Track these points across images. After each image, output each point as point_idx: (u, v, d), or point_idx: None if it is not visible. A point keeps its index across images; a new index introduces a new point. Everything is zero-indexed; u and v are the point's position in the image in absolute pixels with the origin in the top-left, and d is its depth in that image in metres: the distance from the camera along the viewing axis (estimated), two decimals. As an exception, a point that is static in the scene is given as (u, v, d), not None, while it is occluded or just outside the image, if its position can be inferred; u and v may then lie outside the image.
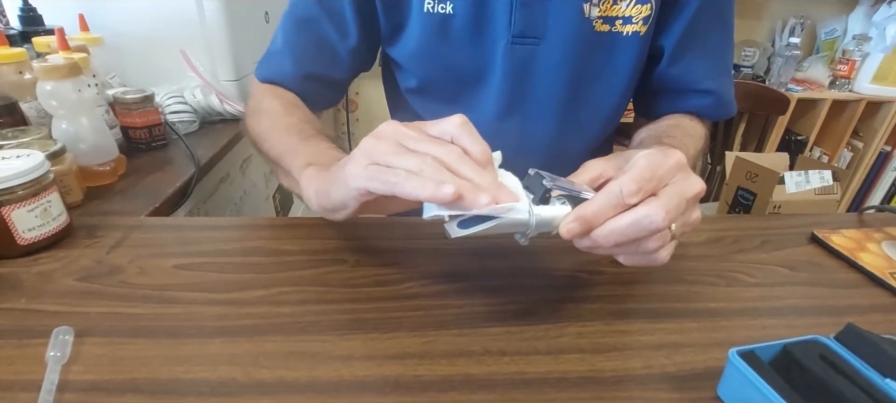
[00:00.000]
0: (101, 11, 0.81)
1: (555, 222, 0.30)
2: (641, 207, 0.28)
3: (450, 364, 0.31)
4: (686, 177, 0.31)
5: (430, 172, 0.28)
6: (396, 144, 0.30)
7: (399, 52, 0.56)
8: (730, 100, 0.57)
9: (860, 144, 1.92)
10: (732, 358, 0.27)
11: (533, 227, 0.29)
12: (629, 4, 0.50)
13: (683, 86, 0.55)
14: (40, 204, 0.40)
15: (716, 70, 0.55)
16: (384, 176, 0.29)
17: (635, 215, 0.28)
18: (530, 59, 0.53)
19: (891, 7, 1.71)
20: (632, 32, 0.51)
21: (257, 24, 1.01)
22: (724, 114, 0.58)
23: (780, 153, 0.84)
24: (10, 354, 0.30)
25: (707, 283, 0.41)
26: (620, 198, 0.29)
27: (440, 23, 0.51)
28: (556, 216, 0.30)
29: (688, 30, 0.52)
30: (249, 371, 0.29)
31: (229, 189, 0.85)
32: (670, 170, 0.30)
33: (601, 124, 0.59)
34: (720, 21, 0.54)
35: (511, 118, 0.56)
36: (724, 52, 0.57)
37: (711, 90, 0.55)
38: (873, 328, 0.30)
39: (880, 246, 0.47)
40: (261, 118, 0.51)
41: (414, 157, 0.29)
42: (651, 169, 0.29)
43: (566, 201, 0.30)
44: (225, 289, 0.37)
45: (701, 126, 0.57)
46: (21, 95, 0.61)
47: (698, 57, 0.54)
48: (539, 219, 0.29)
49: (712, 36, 0.54)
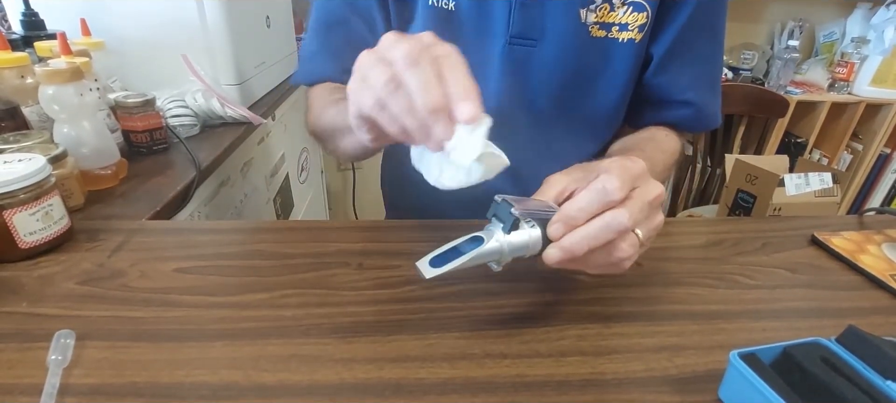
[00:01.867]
0: (102, 16, 0.81)
1: (528, 246, 0.30)
2: (607, 213, 0.29)
3: (451, 368, 0.31)
4: (646, 183, 0.32)
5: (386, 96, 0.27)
6: (377, 57, 0.28)
7: None
8: (711, 114, 0.58)
9: (860, 146, 1.92)
10: (733, 361, 0.27)
11: (507, 255, 0.30)
12: (626, 12, 0.51)
13: (665, 96, 0.56)
14: (42, 208, 0.40)
15: (699, 82, 0.56)
16: (360, 94, 0.29)
17: (604, 219, 0.29)
18: (527, 60, 0.53)
19: (889, 10, 1.71)
20: (627, 39, 0.52)
21: (259, 28, 1.01)
22: (704, 127, 0.59)
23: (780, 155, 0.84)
24: (11, 358, 0.30)
25: (708, 286, 0.41)
26: (605, 194, 0.29)
27: (443, 17, 0.52)
28: (527, 240, 0.30)
29: (676, 40, 0.53)
30: (251, 374, 0.29)
31: (230, 192, 0.85)
32: (637, 175, 0.31)
33: (596, 130, 0.59)
34: (709, 34, 0.55)
35: (507, 119, 0.57)
36: (710, 65, 0.57)
37: (692, 101, 0.55)
38: (874, 330, 0.30)
39: (881, 248, 0.47)
40: (311, 110, 0.53)
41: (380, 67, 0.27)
42: (626, 169, 0.30)
43: (535, 224, 0.31)
44: (226, 293, 0.37)
45: (676, 141, 0.57)
46: (23, 99, 0.61)
47: (682, 68, 0.54)
48: (512, 246, 0.30)
49: (699, 48, 0.55)
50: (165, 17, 0.82)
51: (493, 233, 0.30)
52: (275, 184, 1.11)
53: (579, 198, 0.30)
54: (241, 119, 0.85)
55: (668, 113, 0.57)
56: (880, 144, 1.88)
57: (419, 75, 0.26)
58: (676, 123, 0.58)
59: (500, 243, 0.30)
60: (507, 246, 0.30)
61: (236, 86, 0.90)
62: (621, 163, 0.31)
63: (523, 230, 0.30)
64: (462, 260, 0.29)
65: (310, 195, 1.45)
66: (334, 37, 0.55)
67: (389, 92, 0.27)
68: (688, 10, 0.51)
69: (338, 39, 0.55)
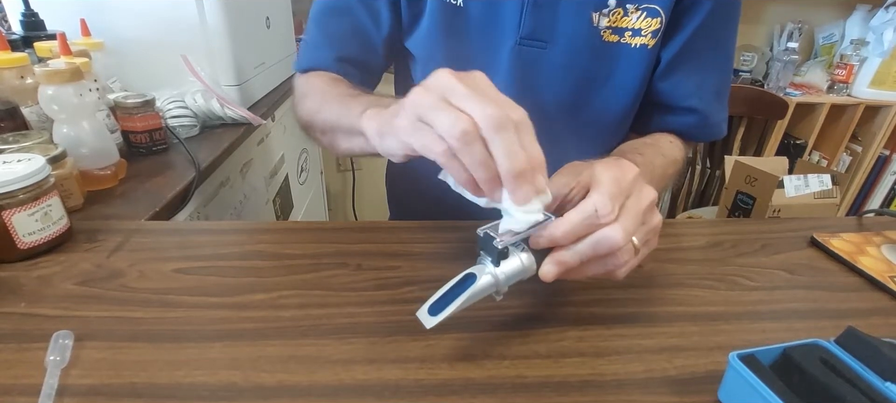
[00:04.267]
0: (102, 16, 0.81)
1: (522, 272, 0.31)
2: (599, 232, 0.29)
3: (450, 368, 0.31)
4: (638, 190, 0.32)
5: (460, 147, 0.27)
6: (439, 98, 0.28)
7: (414, 42, 0.56)
8: (716, 123, 0.58)
9: (859, 148, 1.92)
10: (733, 362, 0.27)
11: (503, 284, 0.30)
12: (639, 17, 0.50)
13: (670, 101, 0.56)
14: (41, 209, 0.40)
15: (704, 90, 0.56)
16: (422, 137, 0.28)
17: (595, 237, 0.29)
18: (536, 62, 0.53)
19: (888, 11, 1.71)
20: (640, 45, 0.51)
21: (258, 29, 1.01)
22: (709, 136, 0.59)
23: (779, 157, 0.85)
24: (9, 358, 0.30)
25: (707, 287, 0.41)
26: (595, 217, 0.29)
27: (451, 14, 0.52)
28: (520, 267, 0.31)
29: (684, 46, 0.52)
30: (249, 375, 0.29)
31: (230, 193, 0.85)
32: (629, 185, 0.31)
33: (603, 135, 0.59)
34: (718, 43, 0.54)
35: None
36: (717, 75, 0.57)
37: (696, 109, 0.55)
38: (873, 331, 0.30)
39: (880, 249, 0.47)
40: (308, 99, 0.51)
41: (450, 115, 0.27)
42: (617, 182, 0.31)
43: (524, 246, 0.31)
44: (225, 293, 0.37)
45: (680, 149, 0.57)
46: (22, 100, 0.61)
47: (689, 74, 0.54)
48: (506, 276, 0.30)
49: (707, 56, 0.54)
50: (165, 17, 0.82)
51: (485, 268, 0.30)
52: (274, 184, 1.11)
53: (570, 218, 0.30)
54: (240, 120, 0.85)
55: (672, 119, 0.57)
56: (879, 146, 1.88)
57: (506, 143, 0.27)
58: (681, 131, 0.58)
59: (493, 275, 0.30)
60: (501, 276, 0.30)
61: (236, 87, 0.90)
62: (612, 174, 0.31)
63: (513, 257, 0.31)
64: (460, 302, 0.29)
65: (309, 196, 1.45)
66: (334, 24, 0.55)
67: (463, 144, 0.27)
68: (699, 18, 0.51)
69: (337, 27, 0.55)
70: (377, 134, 0.35)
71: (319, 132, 0.50)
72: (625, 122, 0.59)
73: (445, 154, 0.28)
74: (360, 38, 0.55)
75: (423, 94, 0.29)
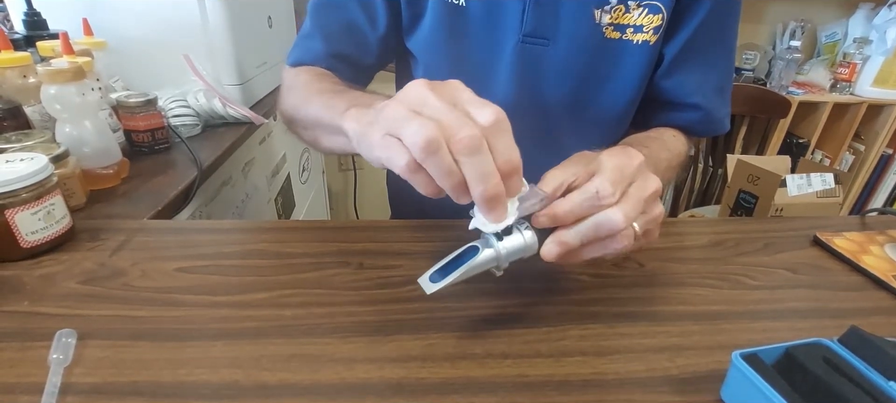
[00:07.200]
0: (104, 16, 0.81)
1: (524, 248, 0.31)
2: (600, 213, 0.29)
3: (452, 367, 0.31)
4: (644, 179, 0.32)
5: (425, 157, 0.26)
6: (409, 110, 0.27)
7: (415, 42, 0.56)
8: (720, 119, 0.58)
9: (862, 147, 1.92)
10: (735, 361, 0.27)
11: (504, 260, 0.30)
12: (641, 13, 0.50)
13: (673, 98, 0.56)
14: (43, 208, 0.40)
15: (707, 86, 0.56)
16: (387, 150, 0.28)
17: (597, 219, 0.29)
18: (538, 59, 0.53)
19: (891, 10, 1.71)
20: (642, 41, 0.51)
21: (260, 28, 1.01)
22: (712, 132, 0.59)
23: (782, 156, 0.84)
24: (12, 357, 0.30)
25: (709, 286, 0.41)
26: (596, 199, 0.29)
27: (453, 13, 0.52)
28: (522, 243, 0.31)
29: (687, 43, 0.52)
30: (251, 373, 0.29)
31: (232, 192, 0.85)
32: (633, 172, 0.31)
33: (605, 131, 0.59)
34: (720, 39, 0.54)
35: (516, 118, 0.56)
36: (720, 70, 0.57)
37: (700, 105, 0.55)
38: (876, 330, 0.29)
39: (883, 248, 0.47)
40: (292, 93, 0.51)
41: (414, 124, 0.26)
42: (620, 169, 0.30)
43: (528, 225, 0.31)
44: (227, 292, 0.37)
45: (683, 143, 0.57)
46: (25, 99, 0.61)
47: (692, 71, 0.54)
48: (508, 251, 0.30)
49: (710, 52, 0.54)
50: (167, 17, 0.83)
51: (488, 241, 0.30)
52: (276, 183, 1.11)
53: (571, 198, 0.30)
54: (242, 119, 0.85)
55: (676, 115, 0.57)
56: (882, 145, 1.87)
57: (477, 165, 0.26)
58: (684, 127, 0.58)
59: (495, 250, 0.30)
60: (503, 251, 0.30)
61: (238, 86, 0.90)
62: (617, 161, 0.31)
63: (516, 234, 0.31)
64: (460, 272, 0.29)
65: (311, 195, 1.46)
66: (327, 18, 0.54)
67: (428, 154, 0.26)
68: (701, 15, 0.51)
69: (333, 22, 0.54)
70: (356, 137, 0.34)
71: (302, 127, 0.49)
72: (626, 118, 0.59)
73: (409, 166, 0.27)
74: (353, 34, 0.55)
75: (394, 107, 0.28)
